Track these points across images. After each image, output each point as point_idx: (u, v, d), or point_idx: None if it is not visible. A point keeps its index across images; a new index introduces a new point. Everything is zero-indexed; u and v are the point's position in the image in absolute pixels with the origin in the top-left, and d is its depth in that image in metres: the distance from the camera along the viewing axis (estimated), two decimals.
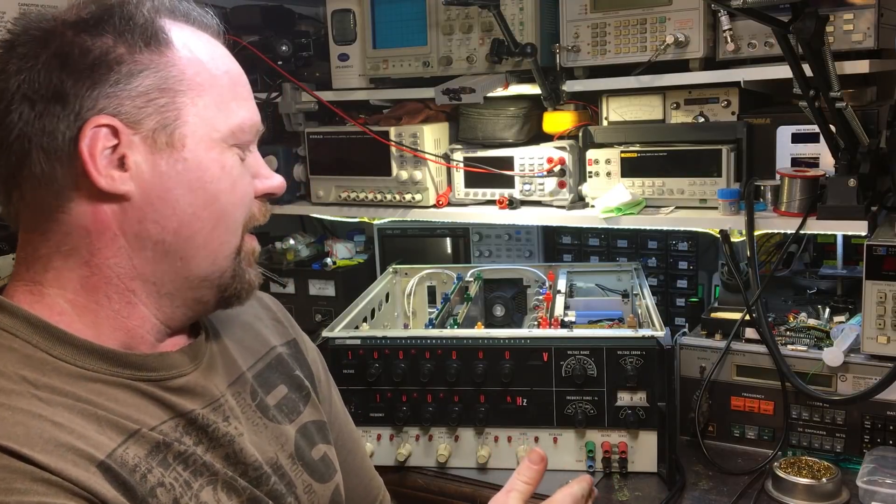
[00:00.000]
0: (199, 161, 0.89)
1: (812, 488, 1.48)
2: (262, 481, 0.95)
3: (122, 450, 0.82)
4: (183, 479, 0.86)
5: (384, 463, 1.66)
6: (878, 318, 1.55)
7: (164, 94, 0.87)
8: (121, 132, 0.85)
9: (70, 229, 0.87)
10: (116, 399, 0.86)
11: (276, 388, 1.08)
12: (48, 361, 0.84)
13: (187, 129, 0.88)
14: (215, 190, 0.91)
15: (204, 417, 0.92)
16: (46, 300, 0.88)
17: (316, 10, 2.46)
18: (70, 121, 0.83)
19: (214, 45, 0.95)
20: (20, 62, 0.84)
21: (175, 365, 0.93)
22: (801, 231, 1.70)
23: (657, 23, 1.81)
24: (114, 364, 0.88)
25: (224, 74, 0.93)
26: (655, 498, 1.53)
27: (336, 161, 2.22)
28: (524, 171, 2.03)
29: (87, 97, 0.84)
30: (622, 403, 1.58)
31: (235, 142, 0.93)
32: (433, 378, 1.62)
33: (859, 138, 1.63)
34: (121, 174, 0.86)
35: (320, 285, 2.40)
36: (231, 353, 1.04)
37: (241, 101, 0.94)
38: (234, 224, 0.94)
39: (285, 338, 1.17)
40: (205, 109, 0.90)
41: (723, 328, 1.74)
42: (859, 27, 1.63)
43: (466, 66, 2.02)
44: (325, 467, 1.09)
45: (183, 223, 0.90)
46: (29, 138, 0.84)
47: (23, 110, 0.83)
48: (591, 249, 2.31)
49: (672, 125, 1.94)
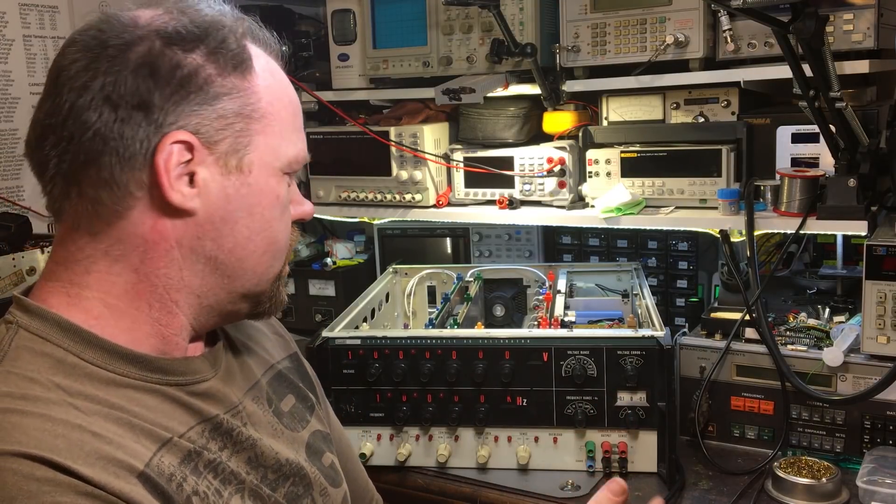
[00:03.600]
0: (260, 187, 0.92)
1: (812, 488, 1.48)
2: (280, 483, 0.97)
3: (157, 458, 0.82)
4: (214, 488, 0.87)
5: (384, 463, 1.66)
6: (878, 318, 1.55)
7: (241, 119, 0.89)
8: (196, 150, 0.86)
9: (125, 235, 0.87)
10: (147, 405, 0.86)
11: (286, 396, 1.10)
12: (79, 366, 0.84)
13: (255, 155, 0.91)
14: (270, 216, 0.94)
15: (227, 422, 0.93)
16: (84, 303, 0.88)
17: (316, 10, 2.46)
18: (150, 131, 0.84)
19: (283, 74, 0.97)
20: (109, 63, 0.84)
21: (198, 370, 0.94)
22: (800, 231, 1.70)
23: (657, 23, 1.81)
24: (142, 368, 0.88)
25: (290, 105, 0.96)
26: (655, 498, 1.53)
27: (336, 161, 2.22)
28: (524, 171, 2.03)
29: (171, 111, 0.85)
30: (622, 403, 1.58)
31: (290, 171, 0.96)
32: (433, 378, 1.63)
33: (859, 138, 1.63)
34: (190, 190, 0.87)
35: (320, 285, 2.40)
36: (247, 361, 1.06)
37: (299, 133, 0.98)
38: (280, 250, 0.98)
39: (287, 351, 1.19)
40: (272, 138, 0.92)
41: (723, 328, 1.74)
42: (859, 27, 1.63)
43: (466, 66, 2.02)
44: (335, 473, 1.11)
45: (238, 244, 0.92)
46: (105, 140, 0.84)
47: (103, 111, 0.83)
48: (591, 249, 2.31)
49: (672, 125, 1.94)
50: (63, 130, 0.84)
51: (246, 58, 0.90)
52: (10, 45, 2.18)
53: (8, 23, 2.17)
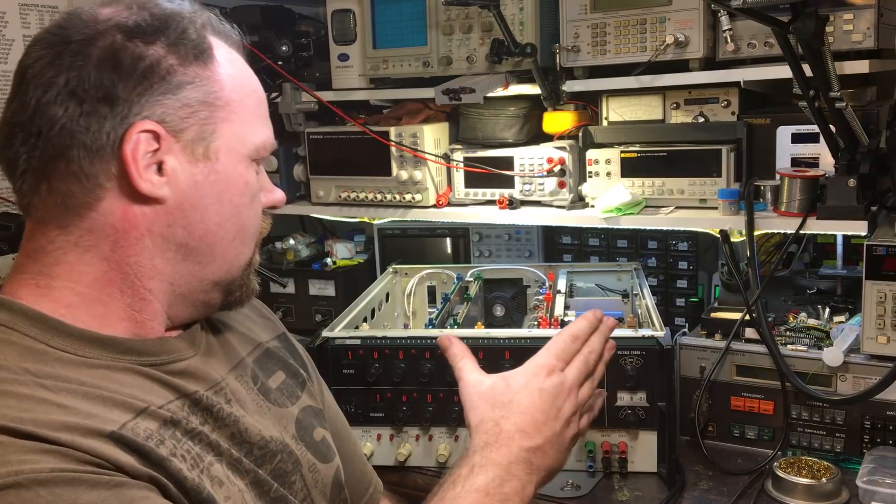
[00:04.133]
0: (228, 175, 0.94)
1: (812, 488, 1.48)
2: (266, 460, 0.97)
3: (132, 423, 0.83)
4: (195, 452, 0.87)
5: (384, 463, 1.66)
6: (878, 318, 1.55)
7: (205, 107, 0.91)
8: (163, 139, 0.88)
9: (95, 226, 0.89)
10: (122, 382, 0.87)
11: (275, 373, 1.11)
12: (48, 352, 0.85)
13: (222, 142, 0.93)
14: (239, 203, 0.96)
15: (208, 398, 0.94)
16: (54, 293, 0.89)
17: (316, 10, 2.46)
18: (116, 122, 0.86)
19: (244, 64, 1.00)
20: (72, 59, 0.85)
21: (175, 350, 0.95)
22: (800, 231, 1.70)
23: (657, 23, 1.81)
24: (115, 351, 0.89)
25: (254, 93, 0.99)
26: (655, 498, 1.53)
27: (336, 161, 2.22)
28: (524, 171, 2.03)
29: (135, 102, 0.86)
30: (622, 403, 1.58)
31: (257, 157, 0.99)
32: (433, 378, 1.63)
33: (859, 138, 1.63)
34: (158, 179, 0.89)
35: (320, 285, 2.40)
36: (230, 341, 1.07)
37: (264, 121, 1.00)
38: (250, 237, 1.00)
39: (275, 332, 1.21)
40: (237, 126, 0.94)
41: (723, 328, 1.74)
42: (859, 27, 1.63)
43: (466, 66, 2.02)
44: (326, 448, 1.11)
45: (208, 231, 0.94)
46: (72, 134, 0.85)
47: (69, 105, 0.85)
48: (591, 249, 2.31)
49: (672, 125, 1.94)
50: (31, 127, 0.86)
51: (206, 47, 0.92)
52: (10, 45, 2.18)
53: (8, 23, 2.17)
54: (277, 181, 2.34)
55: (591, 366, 1.08)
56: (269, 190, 1.03)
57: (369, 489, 1.29)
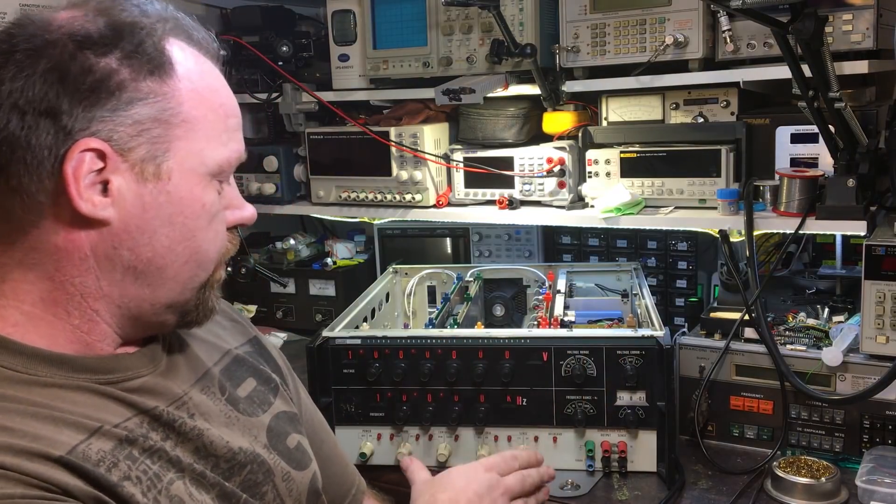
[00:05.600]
0: (181, 196, 0.89)
1: (811, 488, 1.48)
2: (234, 472, 0.95)
3: (83, 446, 0.80)
4: (153, 472, 0.85)
5: (384, 463, 1.67)
6: (877, 318, 1.55)
7: (158, 125, 0.86)
8: (109, 157, 0.83)
9: (38, 244, 0.85)
10: (74, 401, 0.84)
11: (244, 381, 1.08)
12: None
13: (175, 162, 0.87)
14: (193, 226, 0.91)
15: (168, 414, 0.91)
16: (0, 311, 0.86)
17: (316, 11, 2.46)
18: (59, 139, 0.81)
19: (214, 74, 0.94)
20: (16, 69, 0.81)
21: (131, 366, 0.92)
22: (800, 231, 1.71)
23: (657, 23, 1.82)
24: (68, 369, 0.86)
25: (220, 108, 0.92)
26: (655, 497, 1.53)
27: (336, 161, 2.22)
28: (524, 171, 2.03)
29: (80, 118, 0.82)
30: (622, 403, 1.58)
31: (220, 175, 0.93)
32: (433, 378, 1.63)
33: (858, 138, 1.63)
34: (102, 199, 0.84)
35: (320, 285, 2.41)
36: (195, 352, 1.04)
37: (231, 134, 0.94)
38: (206, 260, 0.94)
39: (246, 336, 1.17)
40: (195, 143, 0.89)
41: (722, 328, 1.74)
42: (858, 27, 1.64)
43: (466, 66, 2.02)
44: (300, 455, 1.09)
45: (157, 254, 0.89)
46: (12, 148, 0.81)
47: (11, 118, 0.81)
48: (591, 249, 2.31)
49: (671, 125, 1.94)
50: None
51: (164, 61, 0.87)
52: None
53: (9, 24, 2.17)
54: (277, 181, 2.35)
55: (527, 488, 1.19)
56: (236, 207, 0.97)
57: (351, 490, 1.28)
